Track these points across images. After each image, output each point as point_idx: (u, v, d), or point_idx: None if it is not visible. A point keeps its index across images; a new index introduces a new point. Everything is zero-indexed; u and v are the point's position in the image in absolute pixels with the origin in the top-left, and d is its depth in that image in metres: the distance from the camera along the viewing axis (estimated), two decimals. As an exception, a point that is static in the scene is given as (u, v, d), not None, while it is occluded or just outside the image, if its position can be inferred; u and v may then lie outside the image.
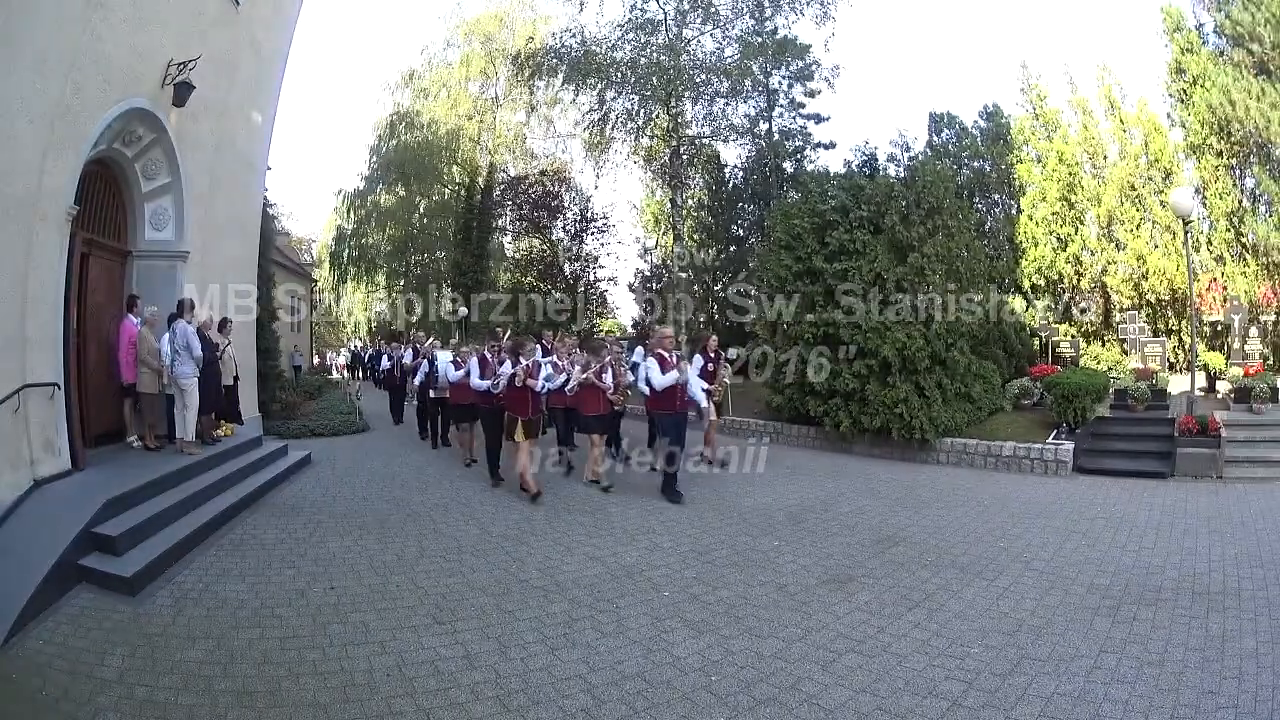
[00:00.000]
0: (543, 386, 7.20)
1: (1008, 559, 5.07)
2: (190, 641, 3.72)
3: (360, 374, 26.55)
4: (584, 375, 7.55)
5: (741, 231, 22.00)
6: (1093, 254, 16.77)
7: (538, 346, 8.19)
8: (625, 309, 25.33)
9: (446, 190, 27.93)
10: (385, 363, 15.30)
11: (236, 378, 8.35)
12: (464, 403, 8.50)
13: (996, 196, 18.22)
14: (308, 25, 62.62)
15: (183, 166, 7.54)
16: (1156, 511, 6.42)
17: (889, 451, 9.61)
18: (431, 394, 10.14)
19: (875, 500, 7.05)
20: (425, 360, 10.57)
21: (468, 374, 7.99)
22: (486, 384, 7.36)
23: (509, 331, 12.02)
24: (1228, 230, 14.95)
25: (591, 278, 23.86)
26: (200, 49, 7.29)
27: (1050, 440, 8.73)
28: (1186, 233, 11.14)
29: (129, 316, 6.95)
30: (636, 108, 20.59)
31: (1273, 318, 12.82)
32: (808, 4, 19.86)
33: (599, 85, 20.45)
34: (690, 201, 22.76)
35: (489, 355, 7.76)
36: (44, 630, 3.80)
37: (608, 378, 7.55)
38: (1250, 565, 4.82)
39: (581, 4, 21.02)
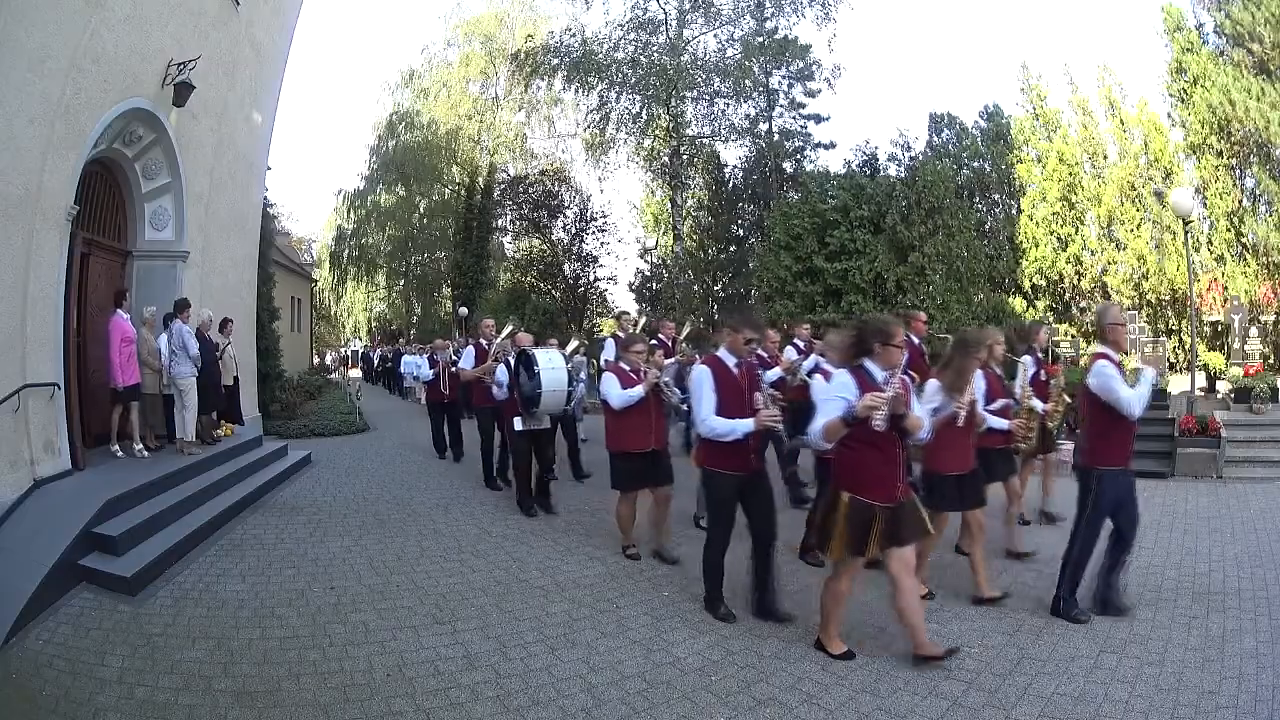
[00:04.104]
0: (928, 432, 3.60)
1: (1007, 558, 5.06)
2: (190, 641, 3.71)
3: (370, 379, 26.18)
4: (960, 403, 3.94)
5: (741, 231, 22.01)
6: (1093, 254, 16.78)
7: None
8: (625, 309, 25.33)
9: (446, 190, 27.95)
10: (426, 369, 10.29)
11: (236, 378, 8.35)
12: (638, 450, 4.89)
13: (996, 196, 18.24)
14: (308, 25, 62.69)
15: (183, 166, 7.54)
16: (1156, 511, 6.40)
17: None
18: (519, 424, 6.05)
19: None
20: (501, 365, 6.62)
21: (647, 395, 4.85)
22: (745, 427, 3.77)
23: (687, 326, 8.60)
24: (1228, 230, 14.95)
25: (591, 278, 23.87)
26: (200, 49, 7.29)
27: (1050, 440, 8.70)
28: (1186, 233, 11.13)
29: (118, 312, 6.50)
30: (638, 108, 20.62)
31: (1273, 318, 12.83)
32: (809, 5, 19.92)
33: (600, 85, 20.47)
34: (690, 201, 22.79)
35: (729, 362, 4.00)
36: (44, 630, 3.80)
37: (979, 398, 4.22)
38: (1250, 565, 4.81)
39: (587, 3, 21.06)
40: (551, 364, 5.80)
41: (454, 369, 8.89)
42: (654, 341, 6.98)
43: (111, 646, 3.64)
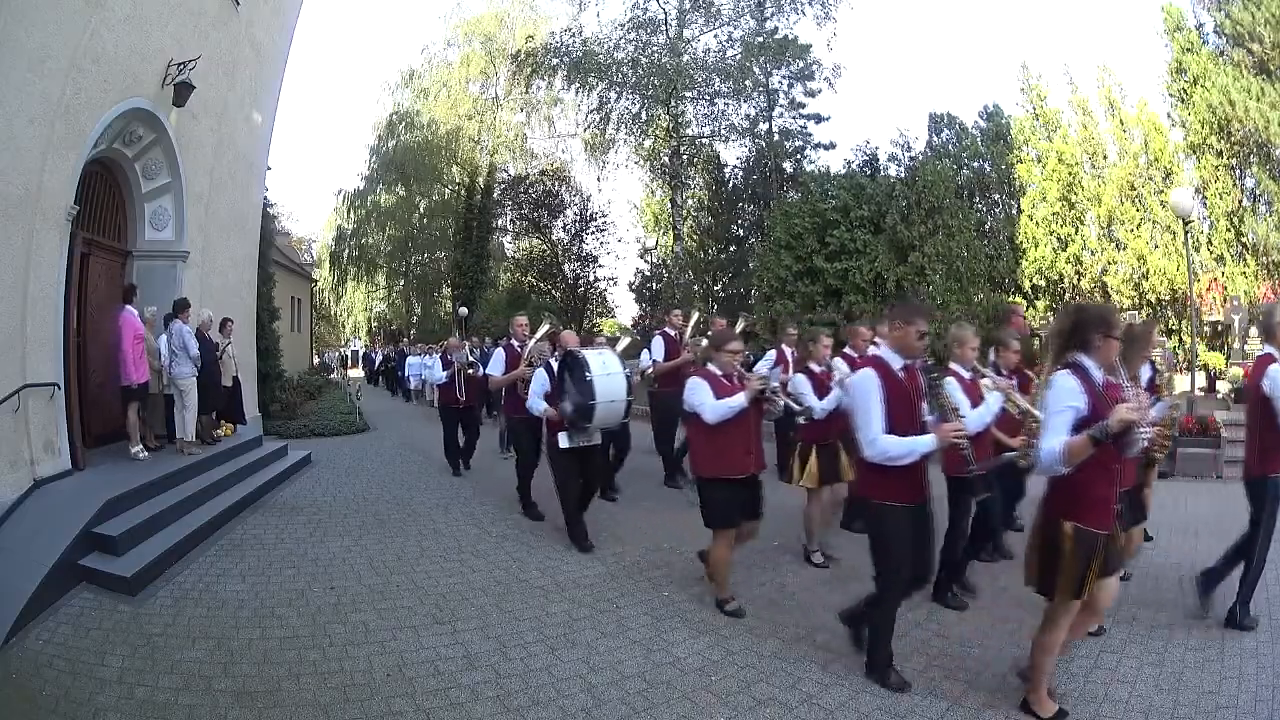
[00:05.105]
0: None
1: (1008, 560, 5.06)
2: (190, 641, 3.71)
3: (371, 380, 26.07)
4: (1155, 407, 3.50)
5: (741, 231, 22.02)
6: (1093, 254, 16.79)
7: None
8: (625, 309, 25.34)
9: (446, 190, 27.98)
10: (437, 371, 9.05)
11: (236, 378, 8.35)
12: (737, 476, 4.03)
13: (996, 196, 18.24)
14: (308, 25, 62.76)
15: (183, 166, 7.54)
16: (1157, 511, 6.38)
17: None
18: (564, 440, 5.21)
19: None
20: (540, 369, 5.58)
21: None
22: (925, 446, 3.10)
23: (741, 323, 7.31)
24: (1228, 230, 14.95)
25: (591, 278, 23.89)
26: (200, 49, 7.29)
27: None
28: (1186, 233, 11.14)
29: (127, 308, 6.55)
30: (638, 108, 20.65)
31: (1273, 318, 12.81)
32: (809, 4, 19.94)
33: (600, 85, 20.49)
34: (690, 201, 22.81)
35: (895, 364, 3.23)
36: (44, 630, 3.80)
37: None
38: (1250, 565, 4.80)
39: (581, 4, 21.06)
40: (607, 369, 4.92)
41: (470, 371, 8.33)
42: (704, 340, 6.69)
43: (111, 646, 3.63)
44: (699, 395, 4.01)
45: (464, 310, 21.98)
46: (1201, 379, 11.06)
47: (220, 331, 7.90)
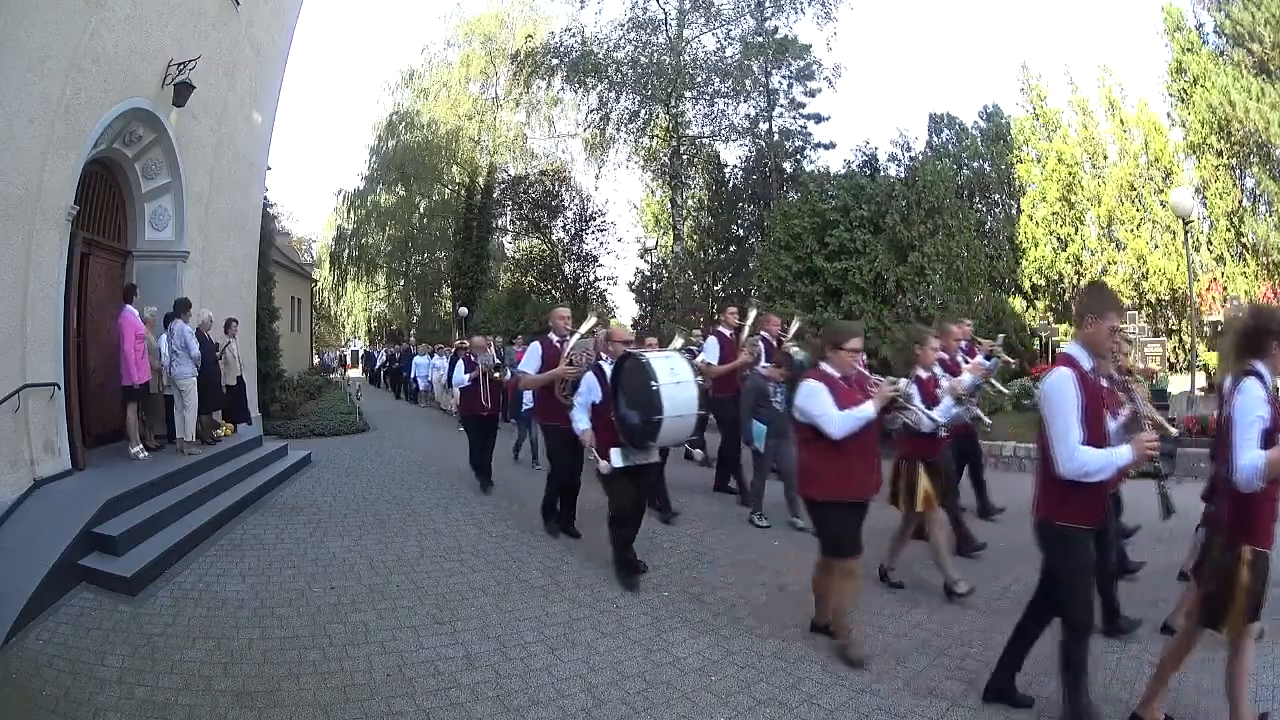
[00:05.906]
0: None
1: (1009, 558, 5.06)
2: (190, 641, 3.71)
3: (374, 382, 26.01)
4: None
5: (741, 231, 22.00)
6: (1093, 254, 16.82)
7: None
8: (625, 309, 25.30)
9: (446, 190, 27.98)
10: (461, 375, 7.76)
11: (240, 378, 8.35)
12: (860, 498, 3.67)
13: (996, 196, 18.25)
14: (308, 25, 62.75)
15: (183, 166, 7.54)
16: (1157, 511, 6.39)
17: (889, 451, 9.52)
18: (618, 458, 4.43)
19: (876, 500, 7.01)
20: (590, 372, 4.72)
21: None
22: (1122, 459, 2.68)
23: (796, 322, 6.64)
24: (1228, 230, 14.97)
25: (591, 278, 23.87)
26: (200, 49, 7.30)
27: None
28: (1186, 233, 11.15)
29: (128, 308, 6.55)
30: (637, 108, 20.63)
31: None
32: (808, 4, 19.92)
33: (599, 85, 20.48)
34: (690, 201, 22.79)
35: (1085, 364, 2.79)
36: (44, 630, 3.80)
37: None
38: (1250, 565, 4.81)
39: (582, 3, 21.04)
40: (676, 377, 4.19)
41: (496, 375, 7.49)
42: (759, 338, 6.40)
43: (111, 646, 3.64)
44: (819, 404, 3.39)
45: (464, 310, 21.99)
46: (1202, 379, 11.05)
47: (225, 332, 7.91)
